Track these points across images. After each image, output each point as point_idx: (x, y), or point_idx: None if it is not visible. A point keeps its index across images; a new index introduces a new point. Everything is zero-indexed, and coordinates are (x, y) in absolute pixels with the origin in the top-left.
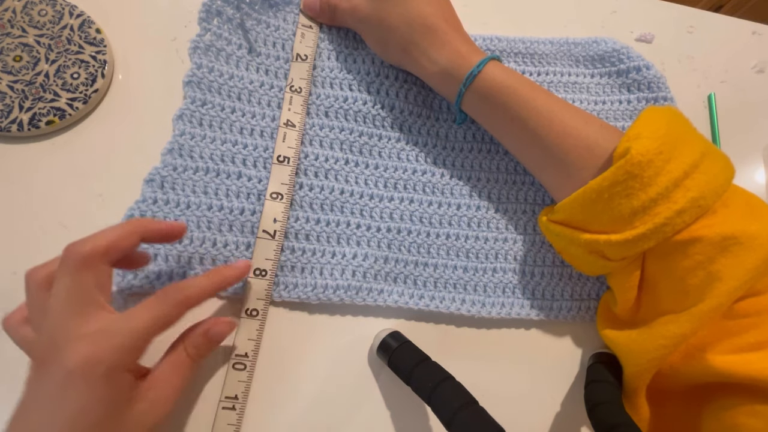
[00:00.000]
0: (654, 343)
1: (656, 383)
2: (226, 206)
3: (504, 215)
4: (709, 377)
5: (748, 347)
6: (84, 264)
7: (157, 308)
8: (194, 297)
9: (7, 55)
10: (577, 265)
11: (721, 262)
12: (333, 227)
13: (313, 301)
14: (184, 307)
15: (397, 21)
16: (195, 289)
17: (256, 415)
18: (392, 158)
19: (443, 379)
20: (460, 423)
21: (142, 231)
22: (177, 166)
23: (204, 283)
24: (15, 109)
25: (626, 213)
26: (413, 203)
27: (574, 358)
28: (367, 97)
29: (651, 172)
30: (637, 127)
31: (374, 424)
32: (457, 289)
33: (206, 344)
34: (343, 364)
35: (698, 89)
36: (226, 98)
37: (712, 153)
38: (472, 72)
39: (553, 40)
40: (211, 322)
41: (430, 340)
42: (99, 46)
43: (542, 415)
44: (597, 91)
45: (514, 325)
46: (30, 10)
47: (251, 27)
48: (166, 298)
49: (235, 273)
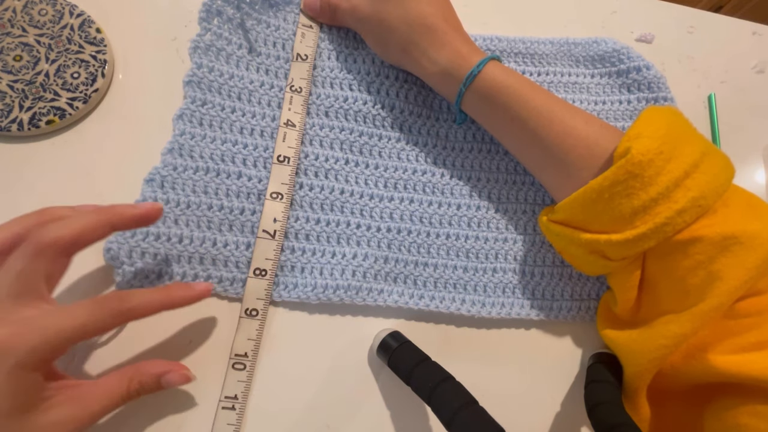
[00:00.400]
0: (654, 343)
1: (657, 383)
2: (226, 206)
3: (504, 215)
4: (710, 377)
5: (749, 347)
6: (43, 252)
7: (93, 313)
8: (135, 310)
9: (8, 55)
10: (578, 265)
11: (722, 262)
12: (333, 227)
13: (313, 301)
14: (122, 319)
15: (397, 21)
16: (137, 302)
17: (256, 415)
18: (392, 158)
19: (443, 379)
20: (460, 423)
21: (113, 220)
22: (177, 166)
23: (148, 297)
24: (15, 109)
25: (627, 213)
26: (413, 203)
27: (574, 358)
28: (368, 96)
29: (651, 172)
30: (638, 127)
31: (374, 424)
32: (457, 289)
33: (154, 387)
34: (343, 364)
35: (698, 89)
36: (227, 98)
37: (712, 153)
38: (472, 72)
39: (553, 40)
40: (169, 367)
41: (430, 340)
42: (99, 46)
43: (542, 415)
44: (597, 91)
45: (514, 325)
46: (30, 9)
47: (251, 27)
48: (105, 305)
49: (188, 294)
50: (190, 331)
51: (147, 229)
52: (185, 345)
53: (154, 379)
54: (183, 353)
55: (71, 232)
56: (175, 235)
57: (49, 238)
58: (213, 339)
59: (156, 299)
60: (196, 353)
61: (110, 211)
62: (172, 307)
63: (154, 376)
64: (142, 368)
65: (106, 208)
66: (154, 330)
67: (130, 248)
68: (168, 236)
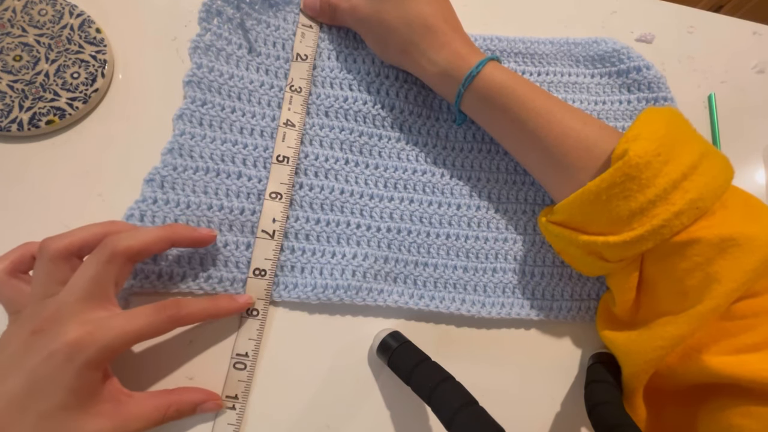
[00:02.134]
0: (652, 344)
1: (653, 384)
2: (226, 206)
3: (504, 215)
4: (706, 378)
5: (744, 348)
6: (114, 259)
7: (153, 318)
8: (188, 317)
9: (7, 55)
10: (576, 266)
11: (720, 264)
12: (333, 227)
13: (313, 301)
14: (176, 324)
15: (397, 21)
16: (191, 310)
17: (256, 414)
18: (392, 158)
19: (443, 379)
20: (460, 423)
21: (174, 237)
22: (177, 166)
23: (200, 306)
24: (15, 109)
25: (624, 215)
26: (413, 203)
27: (574, 359)
28: (367, 96)
29: (649, 174)
30: (636, 128)
31: (374, 424)
32: (457, 289)
33: (189, 414)
34: (343, 364)
35: (698, 89)
36: (226, 98)
37: (711, 154)
38: (471, 73)
39: (553, 40)
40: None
41: (430, 340)
42: (99, 46)
43: (542, 415)
44: (597, 92)
45: (514, 325)
46: (30, 9)
47: (251, 27)
48: (164, 311)
49: (232, 306)
50: (190, 331)
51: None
52: (186, 345)
53: (191, 407)
54: (184, 353)
55: (139, 243)
56: None
57: (122, 246)
58: (213, 339)
59: (206, 308)
60: (197, 353)
61: (172, 229)
62: (218, 316)
63: (192, 404)
64: (182, 396)
65: (169, 227)
66: None
67: None
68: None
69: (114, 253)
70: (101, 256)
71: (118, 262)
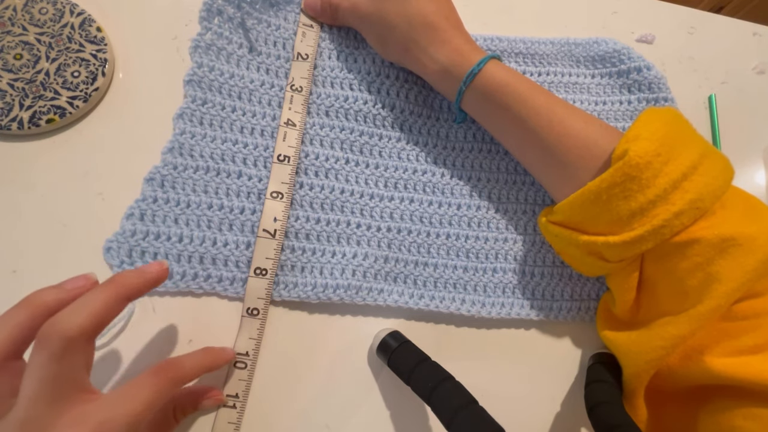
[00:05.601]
0: (652, 345)
1: (654, 384)
2: (227, 205)
3: (504, 215)
4: (707, 379)
5: (746, 350)
6: (71, 347)
7: (155, 386)
8: (188, 375)
9: (8, 53)
10: (576, 266)
11: (720, 264)
12: (333, 226)
13: (313, 300)
14: (180, 384)
15: (398, 19)
16: (189, 367)
17: (257, 413)
18: (392, 158)
19: (443, 379)
20: (460, 423)
21: (126, 292)
22: (177, 165)
23: (197, 362)
24: (15, 108)
25: (624, 215)
26: (413, 203)
27: (574, 359)
28: (368, 96)
29: (649, 174)
30: (636, 129)
31: (374, 424)
32: (457, 289)
33: (192, 410)
34: (343, 364)
35: (699, 90)
36: (227, 97)
37: (711, 154)
38: (472, 71)
39: (554, 40)
40: (203, 392)
41: (430, 340)
42: (100, 45)
43: (542, 415)
44: (597, 92)
45: (513, 325)
46: (31, 8)
47: (252, 26)
48: (164, 376)
49: (225, 357)
50: (190, 330)
51: (147, 228)
52: (185, 344)
53: (192, 406)
54: (183, 353)
55: (90, 317)
56: (175, 234)
57: (73, 330)
58: (213, 339)
59: (203, 363)
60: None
61: (118, 283)
62: (215, 368)
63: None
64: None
65: (113, 283)
66: (154, 330)
67: (130, 247)
68: (168, 235)
69: (68, 341)
70: (53, 350)
71: (79, 347)
